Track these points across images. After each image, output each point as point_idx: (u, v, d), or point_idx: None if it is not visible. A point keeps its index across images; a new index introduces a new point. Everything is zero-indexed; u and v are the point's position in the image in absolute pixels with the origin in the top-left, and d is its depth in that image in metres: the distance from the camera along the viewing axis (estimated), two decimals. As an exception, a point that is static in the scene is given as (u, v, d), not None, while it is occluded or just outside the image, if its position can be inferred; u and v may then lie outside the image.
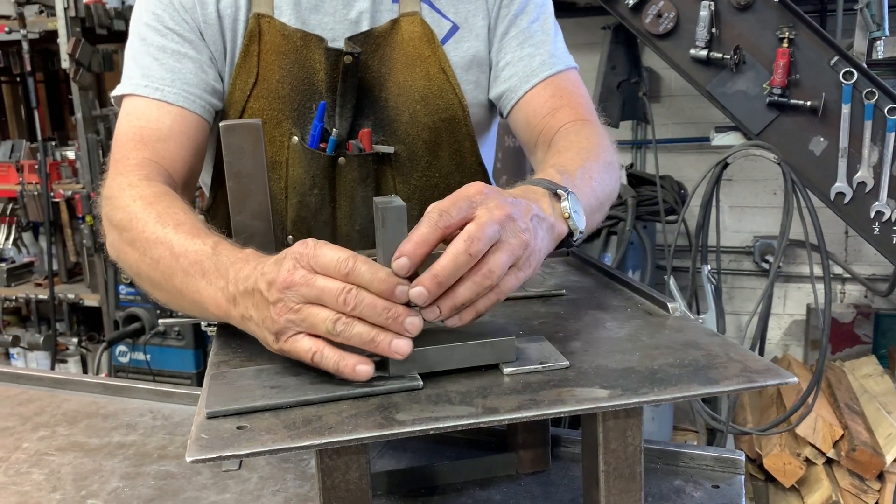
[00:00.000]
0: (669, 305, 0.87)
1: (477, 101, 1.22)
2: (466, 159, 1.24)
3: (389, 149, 1.18)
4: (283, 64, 1.16)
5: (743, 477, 1.05)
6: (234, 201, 0.94)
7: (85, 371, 3.85)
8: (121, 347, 3.40)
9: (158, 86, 1.10)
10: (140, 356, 3.34)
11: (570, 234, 0.83)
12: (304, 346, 0.69)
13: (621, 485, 0.74)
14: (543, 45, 1.21)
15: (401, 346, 0.67)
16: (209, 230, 0.90)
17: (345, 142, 1.18)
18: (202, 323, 1.68)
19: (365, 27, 1.18)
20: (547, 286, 1.01)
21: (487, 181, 1.27)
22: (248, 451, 0.58)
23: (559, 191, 0.83)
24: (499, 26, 1.22)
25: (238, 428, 0.62)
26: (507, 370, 0.71)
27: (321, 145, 1.18)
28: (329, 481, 0.67)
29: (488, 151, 1.34)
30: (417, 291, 0.67)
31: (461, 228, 0.69)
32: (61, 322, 4.00)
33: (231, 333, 0.87)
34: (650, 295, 0.91)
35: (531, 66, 1.19)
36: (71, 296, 3.79)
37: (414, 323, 0.68)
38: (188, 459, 0.58)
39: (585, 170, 0.95)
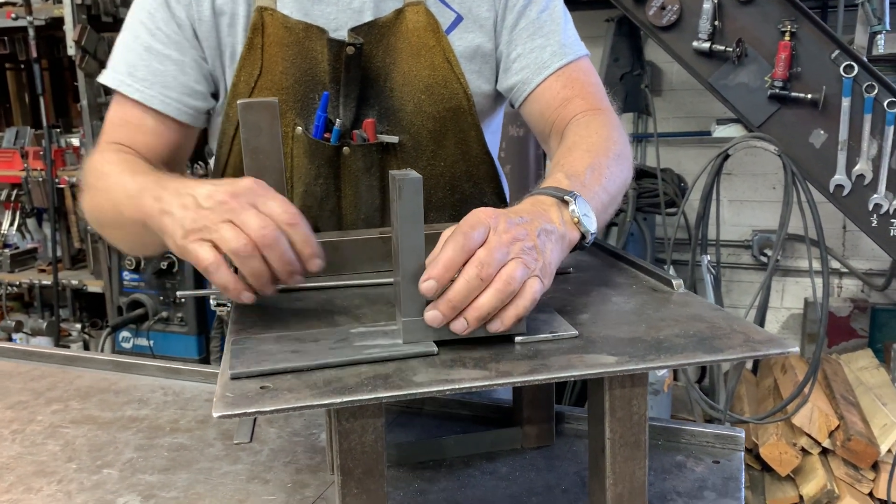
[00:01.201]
0: (674, 282, 0.89)
1: (480, 90, 1.23)
2: (472, 148, 1.25)
3: (394, 139, 1.20)
4: (287, 56, 1.17)
5: (742, 453, 1.08)
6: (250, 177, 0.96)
7: (87, 357, 3.86)
8: (124, 333, 3.42)
9: (140, 87, 1.18)
10: (143, 342, 3.36)
11: (583, 236, 0.85)
12: (204, 254, 0.78)
13: (626, 452, 0.77)
14: (553, 34, 1.21)
15: (268, 292, 0.81)
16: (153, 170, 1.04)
17: (349, 132, 1.20)
18: (211, 301, 1.71)
19: (368, 17, 1.19)
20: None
21: (493, 169, 1.29)
22: (272, 408, 0.61)
23: (566, 197, 0.85)
24: (507, 17, 1.22)
25: (262, 388, 0.65)
26: (518, 339, 0.74)
27: (325, 135, 1.19)
28: (346, 443, 0.70)
29: (492, 138, 1.35)
30: (432, 315, 0.71)
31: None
32: (64, 308, 4.02)
33: (248, 306, 0.89)
34: (655, 273, 0.94)
35: (542, 58, 1.20)
36: (74, 282, 3.80)
37: (298, 280, 0.80)
38: (215, 415, 0.60)
39: (594, 167, 0.97)
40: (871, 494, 2.76)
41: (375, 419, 0.70)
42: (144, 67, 1.18)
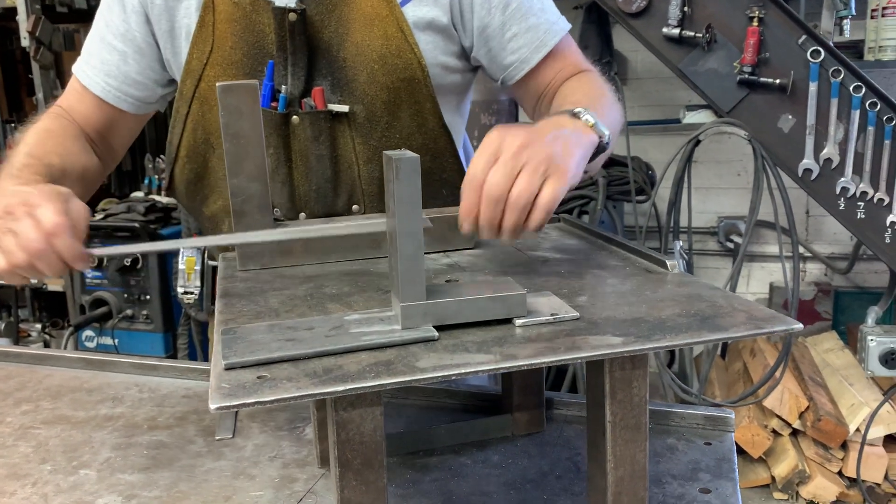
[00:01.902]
0: (668, 263, 0.88)
1: (436, 61, 1.24)
2: (428, 120, 1.25)
3: (344, 108, 1.20)
4: (235, 31, 1.19)
5: (733, 434, 1.08)
6: (231, 163, 0.93)
7: (49, 358, 3.75)
8: (87, 332, 3.32)
9: (89, 73, 1.29)
10: (108, 340, 3.26)
11: (600, 139, 0.94)
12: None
13: (627, 435, 0.75)
14: (542, 13, 1.24)
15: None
16: (47, 155, 1.15)
17: (297, 101, 1.21)
18: (178, 290, 1.80)
19: None
20: (542, 250, 1.02)
21: (451, 143, 1.29)
22: (272, 398, 0.58)
23: (576, 110, 0.94)
24: None
25: (258, 377, 0.62)
26: (519, 322, 0.72)
27: (272, 104, 1.20)
28: (344, 434, 0.67)
29: (454, 118, 1.34)
30: (485, 236, 0.85)
31: None
32: (23, 308, 3.91)
33: (234, 294, 0.86)
34: (647, 254, 0.93)
35: (538, 36, 1.23)
36: (33, 281, 3.69)
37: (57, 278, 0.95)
38: (212, 407, 0.57)
39: (595, 104, 1.03)
40: (840, 473, 2.81)
41: (374, 408, 0.68)
42: (97, 55, 1.29)
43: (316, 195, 1.25)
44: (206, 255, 2.93)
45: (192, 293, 2.95)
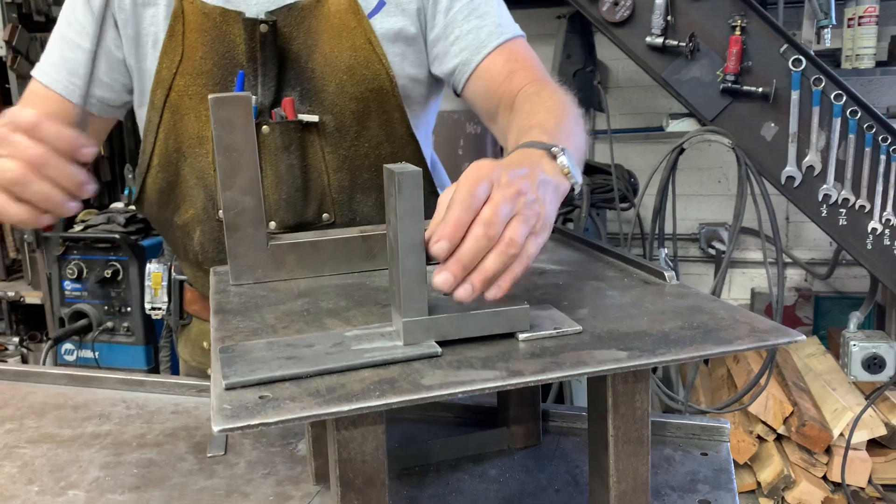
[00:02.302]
0: (666, 274, 0.88)
1: (405, 73, 1.25)
2: (396, 130, 1.26)
3: (314, 117, 1.21)
4: (205, 41, 1.20)
5: (729, 444, 1.08)
6: (224, 176, 0.91)
7: (26, 372, 3.69)
8: (67, 346, 3.27)
9: (49, 71, 1.26)
10: (88, 354, 3.21)
11: (571, 188, 0.86)
12: None
13: (630, 449, 0.75)
14: (488, 15, 1.24)
15: (74, 208, 0.86)
16: None
17: (268, 110, 1.21)
18: (146, 306, 1.78)
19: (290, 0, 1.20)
20: (539, 261, 1.02)
21: (419, 152, 1.29)
22: (276, 419, 0.57)
23: (553, 149, 0.86)
24: (440, 2, 1.23)
25: (260, 397, 0.60)
26: (522, 336, 0.71)
27: None
28: (345, 453, 0.66)
29: (423, 131, 1.34)
30: (443, 279, 0.68)
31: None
32: (0, 321, 3.84)
33: (229, 311, 0.85)
34: (644, 265, 0.93)
35: (480, 37, 1.21)
36: (11, 293, 3.63)
37: (89, 189, 0.86)
38: (215, 430, 0.56)
39: (562, 127, 0.98)
40: (825, 478, 2.83)
41: (376, 426, 0.67)
42: (57, 54, 1.26)
43: (286, 204, 1.24)
44: (171, 270, 2.89)
45: (159, 309, 2.91)
